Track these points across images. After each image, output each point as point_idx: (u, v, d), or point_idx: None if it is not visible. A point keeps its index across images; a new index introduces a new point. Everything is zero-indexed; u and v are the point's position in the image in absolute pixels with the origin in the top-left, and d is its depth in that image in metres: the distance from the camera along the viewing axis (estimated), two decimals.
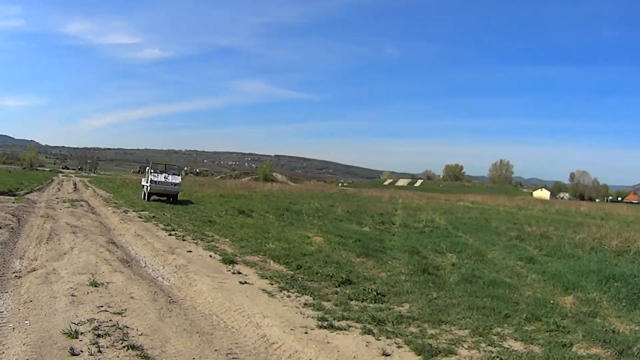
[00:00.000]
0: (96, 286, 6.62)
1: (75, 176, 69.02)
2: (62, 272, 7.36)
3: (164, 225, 13.77)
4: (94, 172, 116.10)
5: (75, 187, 33.44)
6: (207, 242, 11.32)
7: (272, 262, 9.34)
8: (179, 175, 23.56)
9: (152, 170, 22.48)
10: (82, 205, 18.08)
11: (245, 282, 7.56)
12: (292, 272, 8.43)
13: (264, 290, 7.16)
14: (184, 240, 11.39)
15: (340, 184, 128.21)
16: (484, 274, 8.97)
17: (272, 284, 7.54)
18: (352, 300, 6.87)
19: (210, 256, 9.67)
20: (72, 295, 6.13)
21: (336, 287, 7.59)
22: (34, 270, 7.51)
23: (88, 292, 6.32)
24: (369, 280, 8.22)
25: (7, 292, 6.39)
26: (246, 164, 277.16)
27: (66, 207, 17.15)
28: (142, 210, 17.25)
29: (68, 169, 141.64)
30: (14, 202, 16.75)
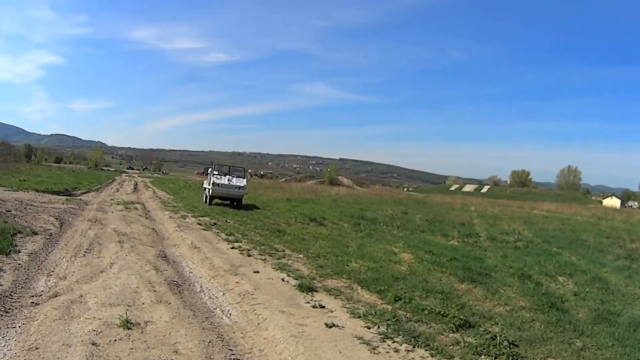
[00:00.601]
0: (129, 328, 4.88)
1: (138, 176, 70.62)
2: (91, 301, 5.71)
3: (226, 234, 12.20)
4: (160, 172, 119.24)
5: (135, 188, 33.00)
6: (277, 258, 9.56)
7: (359, 288, 7.53)
8: (244, 178, 22.08)
9: (215, 172, 21.11)
10: (136, 209, 16.89)
11: (333, 325, 5.61)
12: (389, 307, 6.58)
13: (360, 338, 5.22)
14: (249, 255, 9.60)
15: (405, 189, 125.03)
16: (618, 309, 7.45)
17: (369, 327, 5.66)
18: (481, 355, 5.06)
19: (283, 280, 7.81)
20: (93, 344, 4.43)
21: (453, 331, 5.77)
22: (56, 296, 5.95)
23: (115, 340, 4.59)
24: (489, 319, 6.44)
25: (14, 327, 4.92)
26: (310, 167, 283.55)
27: (119, 210, 15.98)
28: (202, 216, 15.83)
29: (132, 169, 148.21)
30: (63, 203, 15.79)
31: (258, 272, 8.19)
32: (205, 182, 23.00)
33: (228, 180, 20.67)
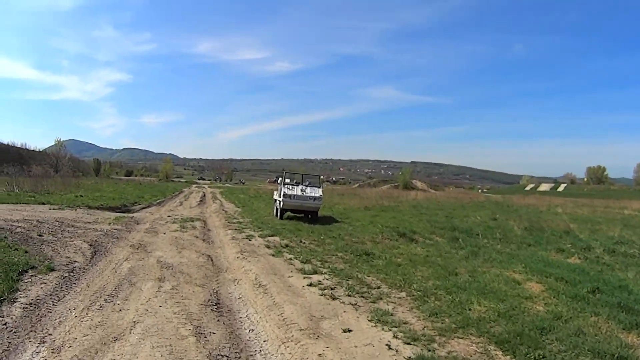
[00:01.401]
0: None
1: (208, 187, 70.32)
2: None
3: (301, 261, 9.93)
4: (231, 182, 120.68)
5: (201, 200, 31.54)
6: (373, 301, 7.07)
7: (501, 355, 5.10)
8: (319, 187, 19.61)
9: (286, 182, 18.87)
10: (194, 228, 14.96)
11: None
12: None
13: None
14: (333, 298, 7.09)
15: (480, 190, 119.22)
16: None
17: None
18: None
19: (389, 346, 5.24)
20: None
21: None
22: None
23: None
24: None
25: None
26: (382, 172, 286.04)
27: (173, 230, 14.12)
28: (272, 235, 13.63)
29: (204, 179, 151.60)
30: (110, 223, 14.08)
31: (349, 330, 5.68)
32: (275, 192, 20.87)
33: (301, 190, 18.42)
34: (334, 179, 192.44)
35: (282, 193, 18.19)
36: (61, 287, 6.96)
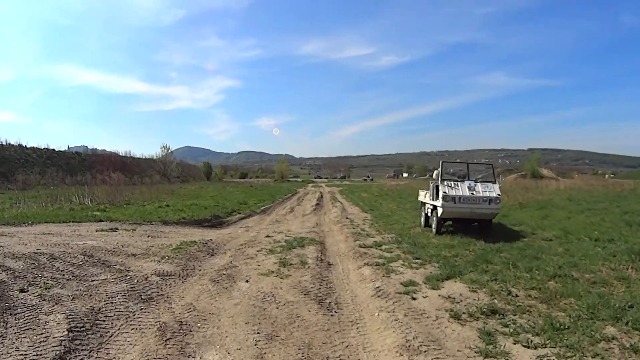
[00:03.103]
0: None
1: (325, 186, 64.94)
2: None
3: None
4: (368, 179, 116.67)
5: (317, 204, 25.39)
6: None
7: None
8: (495, 183, 12.49)
9: (443, 177, 12.28)
10: (304, 263, 8.72)
11: None
12: None
13: None
14: None
15: (607, 176, 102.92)
16: None
17: None
18: None
19: None
20: None
21: None
22: None
23: None
24: None
25: None
26: (499, 161, 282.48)
27: (266, 270, 8.18)
28: (447, 277, 7.21)
29: (321, 177, 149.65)
30: (162, 258, 8.49)
31: None
32: (423, 193, 14.37)
33: (470, 189, 11.65)
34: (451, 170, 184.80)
35: (440, 194, 11.62)
36: None
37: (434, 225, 12.34)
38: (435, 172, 12.71)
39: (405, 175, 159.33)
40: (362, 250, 9.69)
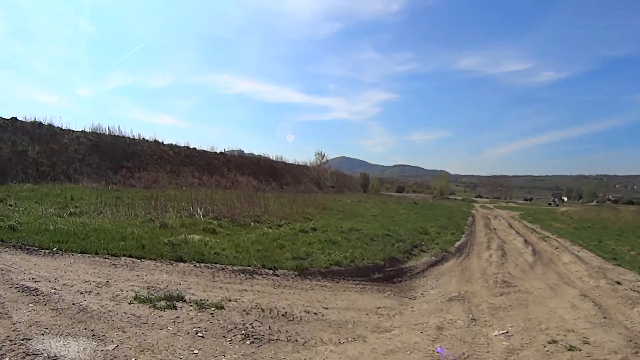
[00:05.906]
0: None
1: (496, 208, 55.51)
2: None
3: None
4: (554, 203, 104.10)
5: (525, 242, 17.10)
6: None
7: None
8: None
9: None
10: None
11: None
12: None
13: None
14: None
15: None
16: None
17: None
18: None
19: None
20: None
21: None
22: None
23: None
24: None
25: None
26: None
27: None
28: None
29: (481, 197, 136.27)
30: None
31: None
32: None
33: None
34: (610, 197, 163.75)
35: None
36: None
37: None
38: None
39: (565, 199, 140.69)
40: None
